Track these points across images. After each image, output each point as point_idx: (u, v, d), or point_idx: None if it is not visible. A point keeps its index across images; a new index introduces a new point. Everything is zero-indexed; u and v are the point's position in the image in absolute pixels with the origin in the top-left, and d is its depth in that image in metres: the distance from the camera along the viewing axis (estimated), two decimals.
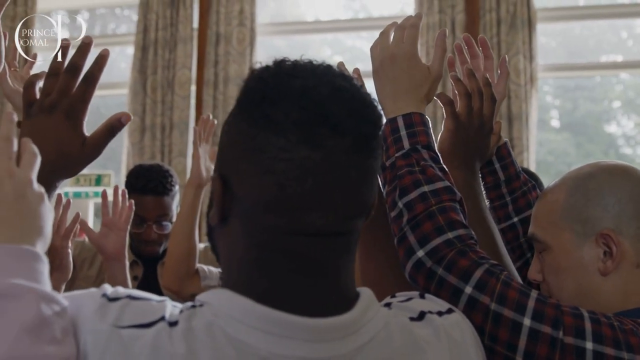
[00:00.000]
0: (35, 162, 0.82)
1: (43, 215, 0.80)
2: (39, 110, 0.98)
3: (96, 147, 1.00)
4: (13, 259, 0.74)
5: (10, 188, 0.78)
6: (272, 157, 0.77)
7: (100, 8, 5.42)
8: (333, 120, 0.77)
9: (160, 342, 0.75)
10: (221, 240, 0.87)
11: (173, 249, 2.16)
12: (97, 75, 0.99)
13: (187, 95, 4.40)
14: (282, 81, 0.80)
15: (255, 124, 0.79)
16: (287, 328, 0.77)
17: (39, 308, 0.71)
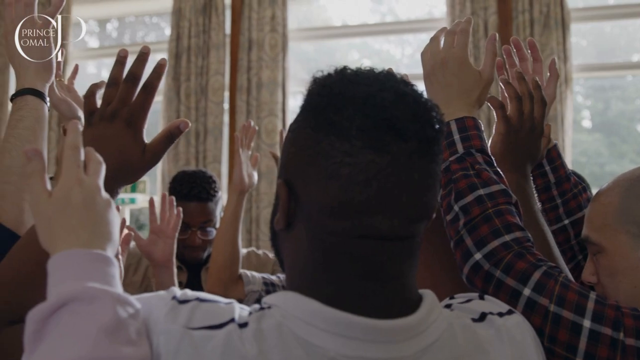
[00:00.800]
0: (101, 169, 0.85)
1: (111, 221, 0.82)
2: (100, 118, 1.00)
3: (156, 154, 1.01)
4: (87, 263, 0.76)
5: (81, 195, 0.80)
6: (337, 162, 0.79)
7: (130, 16, 5.46)
8: (397, 125, 0.79)
9: (231, 343, 0.77)
10: (286, 245, 0.89)
11: (217, 254, 2.18)
12: (155, 84, 1.01)
13: (221, 101, 4.42)
14: (346, 88, 0.82)
15: (320, 129, 0.81)
16: (355, 330, 0.78)
17: (115, 310, 0.73)
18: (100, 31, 5.66)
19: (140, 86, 1.01)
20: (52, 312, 0.72)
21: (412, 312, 0.83)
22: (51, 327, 0.72)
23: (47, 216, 0.79)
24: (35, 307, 0.73)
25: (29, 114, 1.33)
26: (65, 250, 0.76)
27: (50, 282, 0.76)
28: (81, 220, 0.79)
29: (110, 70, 1.02)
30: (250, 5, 4.41)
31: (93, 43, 5.82)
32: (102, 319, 0.71)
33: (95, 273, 0.76)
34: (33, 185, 0.81)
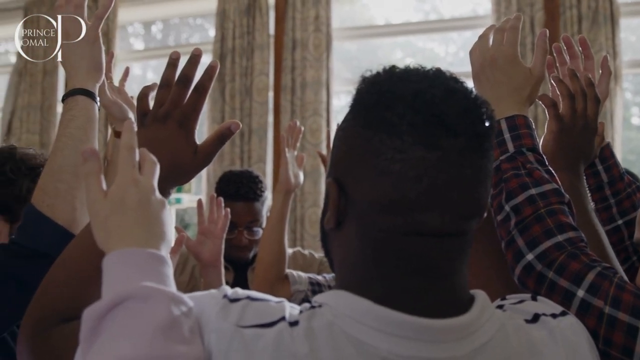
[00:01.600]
0: (155, 170, 0.86)
1: (165, 221, 0.83)
2: (152, 120, 1.01)
3: (207, 155, 1.02)
4: (142, 262, 0.77)
5: (136, 195, 0.81)
6: (388, 159, 0.79)
7: (175, 18, 5.52)
8: (447, 121, 0.79)
9: (282, 341, 0.76)
10: (336, 244, 0.89)
11: (263, 254, 2.19)
12: (207, 85, 1.02)
13: (265, 102, 4.45)
14: (396, 85, 0.82)
15: (370, 127, 0.81)
16: (407, 329, 0.78)
17: (170, 309, 0.73)
18: (146, 33, 5.73)
19: (192, 88, 1.01)
20: (108, 310, 0.73)
21: (463, 312, 0.81)
22: (107, 325, 0.73)
23: (103, 216, 0.80)
24: (92, 305, 0.74)
25: (80, 114, 1.35)
26: (121, 249, 0.77)
27: (105, 281, 0.77)
28: (136, 220, 0.80)
29: (163, 72, 1.03)
30: (294, 6, 4.42)
31: (138, 45, 5.90)
32: (157, 318, 0.72)
33: (150, 272, 0.77)
34: (89, 186, 0.82)
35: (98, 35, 1.40)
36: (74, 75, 1.39)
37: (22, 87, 5.15)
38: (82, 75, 1.38)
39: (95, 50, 1.39)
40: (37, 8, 5.13)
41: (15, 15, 5.31)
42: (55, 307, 0.93)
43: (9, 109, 5.11)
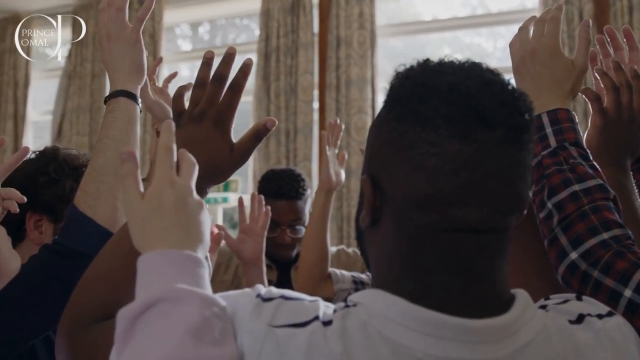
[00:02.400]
0: (193, 171, 0.85)
1: (202, 222, 0.83)
2: (188, 119, 1.01)
3: (244, 153, 1.02)
4: (177, 265, 0.76)
5: (173, 197, 0.81)
6: (423, 153, 0.77)
7: (221, 19, 5.55)
8: (483, 113, 0.76)
9: (315, 341, 0.75)
10: (371, 243, 0.87)
11: (306, 253, 2.19)
12: (242, 83, 1.01)
13: (310, 100, 4.44)
14: (430, 77, 0.80)
15: (404, 120, 0.79)
16: (444, 329, 0.76)
17: (201, 311, 0.72)
18: (193, 34, 5.78)
19: (227, 86, 1.01)
20: (142, 312, 0.73)
21: (503, 312, 0.79)
22: (140, 327, 0.73)
23: (139, 217, 0.80)
24: (126, 306, 0.74)
25: (122, 115, 1.36)
26: (156, 250, 0.77)
27: (139, 282, 0.77)
28: (173, 222, 0.80)
29: (197, 71, 1.03)
30: (338, 3, 4.40)
31: (186, 46, 5.95)
32: (188, 320, 0.71)
33: (184, 274, 0.76)
34: (126, 187, 0.82)
35: (139, 37, 1.41)
36: (116, 77, 1.40)
37: (72, 90, 5.25)
38: (124, 76, 1.39)
39: (137, 52, 1.40)
40: (85, 12, 5.22)
41: (63, 20, 5.41)
42: (91, 306, 0.94)
43: (59, 111, 5.21)
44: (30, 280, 1.28)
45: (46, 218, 1.57)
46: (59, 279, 1.27)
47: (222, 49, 4.59)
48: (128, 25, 1.40)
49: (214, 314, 0.74)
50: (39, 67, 5.80)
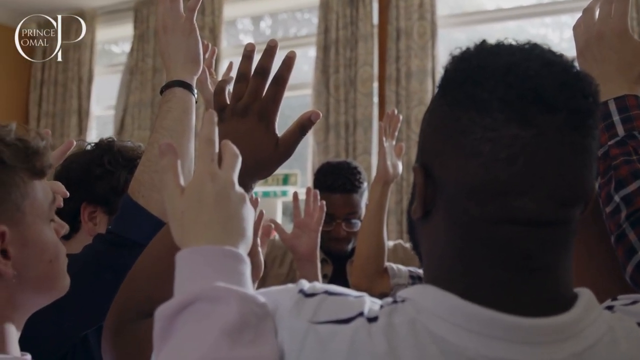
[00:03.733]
0: (236, 163, 0.82)
1: (245, 217, 0.80)
2: (231, 114, 0.99)
3: (288, 147, 0.99)
4: (216, 261, 0.74)
5: (213, 190, 0.78)
6: (478, 138, 0.73)
7: (282, 13, 5.54)
8: (543, 95, 0.71)
9: (359, 338, 0.72)
10: (423, 236, 0.83)
11: (361, 247, 2.15)
12: (285, 76, 0.99)
13: (370, 93, 4.39)
14: (486, 59, 0.76)
15: (458, 105, 0.75)
16: (497, 328, 0.71)
17: (239, 310, 0.70)
18: (255, 29, 5.78)
19: (270, 79, 0.99)
20: (179, 311, 0.71)
21: (563, 311, 0.73)
22: (178, 326, 0.71)
23: (179, 212, 0.78)
24: (163, 304, 0.72)
25: (177, 106, 1.36)
26: (195, 246, 0.75)
27: (177, 279, 0.75)
28: (213, 217, 0.77)
29: (238, 65, 1.02)
30: None
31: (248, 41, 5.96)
32: (225, 320, 0.69)
33: (224, 271, 0.74)
34: (166, 181, 0.80)
35: (194, 27, 1.41)
36: (171, 68, 1.41)
37: (134, 85, 5.32)
38: (180, 67, 1.40)
39: (191, 42, 1.41)
40: (146, 8, 5.28)
41: (125, 16, 5.49)
42: (136, 303, 0.93)
43: (122, 106, 5.29)
44: (84, 270, 1.28)
45: (100, 209, 1.58)
46: (112, 269, 1.26)
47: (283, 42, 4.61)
48: (183, 16, 1.41)
49: (252, 313, 0.72)
50: (102, 63, 5.91)
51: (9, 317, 0.96)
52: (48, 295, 1.01)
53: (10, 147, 0.94)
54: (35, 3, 5.56)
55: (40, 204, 0.98)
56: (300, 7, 5.31)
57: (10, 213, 0.93)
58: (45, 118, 5.70)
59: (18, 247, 0.93)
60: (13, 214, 0.93)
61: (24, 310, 0.99)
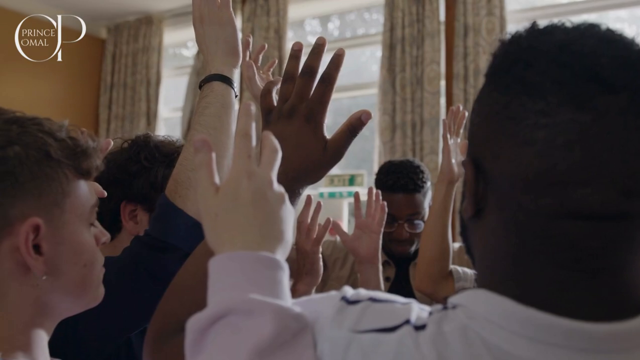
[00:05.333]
0: (275, 159, 0.77)
1: (284, 218, 0.74)
2: (277, 116, 0.94)
3: (338, 150, 0.93)
4: (251, 268, 0.69)
5: (250, 190, 0.72)
6: (530, 125, 0.66)
7: (350, 13, 5.48)
8: (603, 75, 0.64)
9: (405, 348, 0.66)
10: (476, 236, 0.76)
11: (425, 249, 2.07)
12: (334, 75, 0.93)
13: (437, 91, 4.30)
14: (537, 39, 0.69)
15: (507, 90, 0.69)
16: (559, 334, 0.64)
17: (274, 326, 0.65)
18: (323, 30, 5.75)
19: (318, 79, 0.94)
20: (210, 324, 0.67)
21: (633, 316, 0.66)
22: (209, 339, 0.67)
23: (213, 213, 0.73)
24: (195, 316, 0.68)
25: (215, 100, 1.31)
26: (229, 252, 0.70)
27: (211, 287, 0.70)
28: (249, 218, 0.71)
29: (285, 65, 0.98)
30: None
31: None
32: (258, 336, 0.64)
33: (259, 280, 0.69)
34: (200, 179, 0.75)
35: (231, 16, 1.37)
36: (210, 61, 1.37)
37: None
38: (219, 60, 1.36)
39: (229, 32, 1.37)
40: None
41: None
42: (176, 316, 0.88)
43: (189, 108, 5.32)
44: (122, 273, 1.26)
45: (140, 207, 1.55)
46: (150, 272, 1.25)
47: (349, 41, 4.55)
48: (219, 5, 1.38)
49: (287, 328, 0.66)
50: (170, 65, 5.98)
51: (39, 322, 0.93)
52: (79, 302, 0.97)
53: (59, 142, 0.92)
54: (103, 8, 5.67)
55: (81, 204, 0.95)
56: (367, 6, 5.24)
57: (49, 208, 0.90)
58: (115, 121, 5.81)
59: (52, 245, 0.90)
60: (51, 209, 0.90)
61: (53, 316, 0.95)
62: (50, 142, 0.91)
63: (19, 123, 0.91)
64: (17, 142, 0.88)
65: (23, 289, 0.89)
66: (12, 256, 0.87)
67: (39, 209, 0.88)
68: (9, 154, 0.86)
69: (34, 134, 0.90)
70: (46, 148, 0.90)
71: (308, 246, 1.84)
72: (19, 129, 0.89)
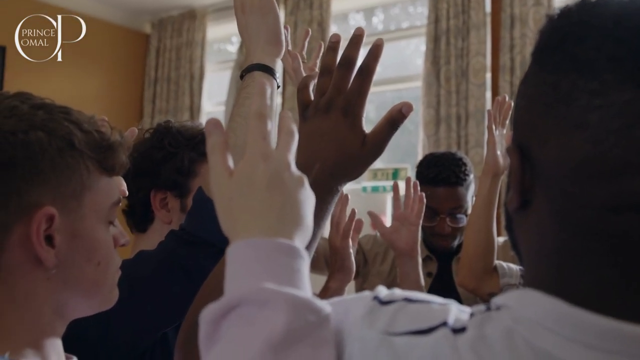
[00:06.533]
0: (292, 142, 0.72)
1: (302, 203, 0.69)
2: (314, 111, 0.89)
3: (378, 144, 0.88)
4: (266, 256, 0.64)
5: (265, 172, 0.68)
6: (583, 106, 0.60)
7: (394, 7, 5.41)
8: None
9: (441, 352, 0.61)
10: (522, 230, 0.70)
11: (468, 243, 2.00)
12: (372, 66, 0.88)
13: (482, 84, 4.21)
14: (590, 12, 0.63)
15: (556, 69, 0.63)
16: (616, 340, 0.58)
17: (289, 318, 0.60)
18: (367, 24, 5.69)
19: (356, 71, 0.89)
20: (223, 315, 0.63)
21: None
22: (223, 332, 0.62)
23: (227, 198, 0.68)
24: (207, 307, 0.63)
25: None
26: (245, 239, 0.65)
27: (227, 277, 0.66)
28: (265, 203, 0.67)
29: (321, 58, 0.92)
30: None
31: None
32: (272, 329, 0.60)
33: (275, 268, 0.64)
34: (213, 163, 0.70)
35: (273, 4, 1.33)
36: (252, 50, 1.33)
37: None
38: (260, 49, 1.31)
39: (271, 21, 1.32)
40: None
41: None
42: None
43: (232, 102, 5.32)
44: (157, 269, 1.25)
45: (170, 194, 1.53)
46: (184, 268, 1.22)
47: (393, 33, 4.48)
48: None
49: (304, 321, 0.62)
50: (213, 60, 5.98)
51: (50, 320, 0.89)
52: (90, 303, 0.93)
53: (85, 133, 0.89)
54: (148, 3, 5.69)
55: (101, 200, 0.92)
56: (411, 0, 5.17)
57: (66, 199, 0.87)
58: (158, 115, 5.83)
59: (66, 238, 0.86)
60: (68, 201, 0.87)
61: (64, 314, 0.91)
62: (76, 132, 0.88)
63: (46, 109, 0.88)
64: (41, 128, 0.85)
65: (33, 282, 0.86)
66: (23, 246, 0.83)
67: (55, 199, 0.85)
68: (31, 139, 0.83)
69: (60, 122, 0.87)
70: (70, 137, 0.87)
71: (337, 241, 1.79)
72: (45, 115, 0.87)
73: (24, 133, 0.83)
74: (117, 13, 5.82)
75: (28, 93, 0.91)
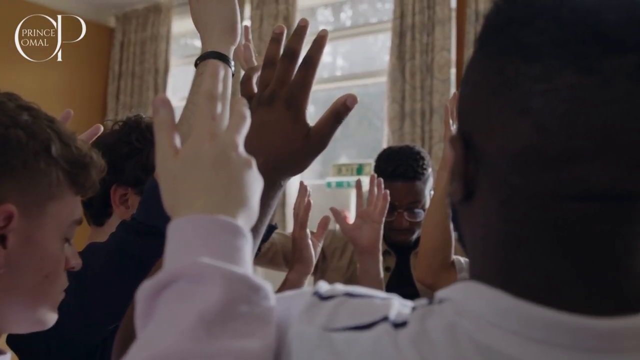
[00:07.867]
0: (242, 125, 0.71)
1: (249, 184, 0.68)
2: (257, 104, 0.88)
3: (322, 138, 0.87)
4: (206, 232, 0.63)
5: (212, 151, 0.67)
6: (527, 92, 0.58)
7: (362, 3, 5.39)
8: (607, 33, 0.56)
9: (381, 347, 0.59)
10: (467, 222, 0.68)
11: (426, 239, 1.99)
12: (316, 58, 0.86)
13: (447, 79, 4.22)
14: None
15: (501, 54, 0.61)
16: (560, 332, 0.56)
17: (225, 293, 0.59)
18: (335, 20, 5.67)
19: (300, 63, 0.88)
20: (159, 291, 0.61)
21: None
22: (158, 309, 0.60)
23: (171, 176, 0.67)
24: (143, 284, 0.61)
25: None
26: (186, 215, 0.64)
27: (166, 253, 0.64)
28: (209, 181, 0.66)
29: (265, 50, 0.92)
30: None
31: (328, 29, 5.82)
32: (206, 304, 0.58)
33: (214, 244, 0.62)
34: (159, 141, 0.69)
35: None
36: (207, 38, 1.30)
37: None
38: (215, 37, 1.28)
39: (228, 9, 1.29)
40: None
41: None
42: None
43: None
44: (108, 260, 1.23)
45: (132, 190, 1.51)
46: (136, 259, 1.20)
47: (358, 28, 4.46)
48: None
49: (241, 296, 0.60)
50: (179, 54, 5.94)
51: None
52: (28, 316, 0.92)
53: (63, 144, 0.90)
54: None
55: (64, 214, 0.92)
56: None
57: (30, 203, 0.87)
58: (122, 110, 5.77)
59: (20, 242, 0.86)
60: (31, 206, 0.87)
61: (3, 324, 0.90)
62: (55, 141, 0.89)
63: (32, 113, 0.89)
64: (22, 128, 0.86)
65: None
66: None
67: (19, 200, 0.85)
68: (10, 135, 0.84)
69: (42, 127, 0.88)
70: (49, 143, 0.87)
71: (296, 232, 1.78)
72: (30, 118, 0.87)
73: (5, 128, 0.84)
74: (81, 6, 5.74)
75: (17, 95, 0.92)
